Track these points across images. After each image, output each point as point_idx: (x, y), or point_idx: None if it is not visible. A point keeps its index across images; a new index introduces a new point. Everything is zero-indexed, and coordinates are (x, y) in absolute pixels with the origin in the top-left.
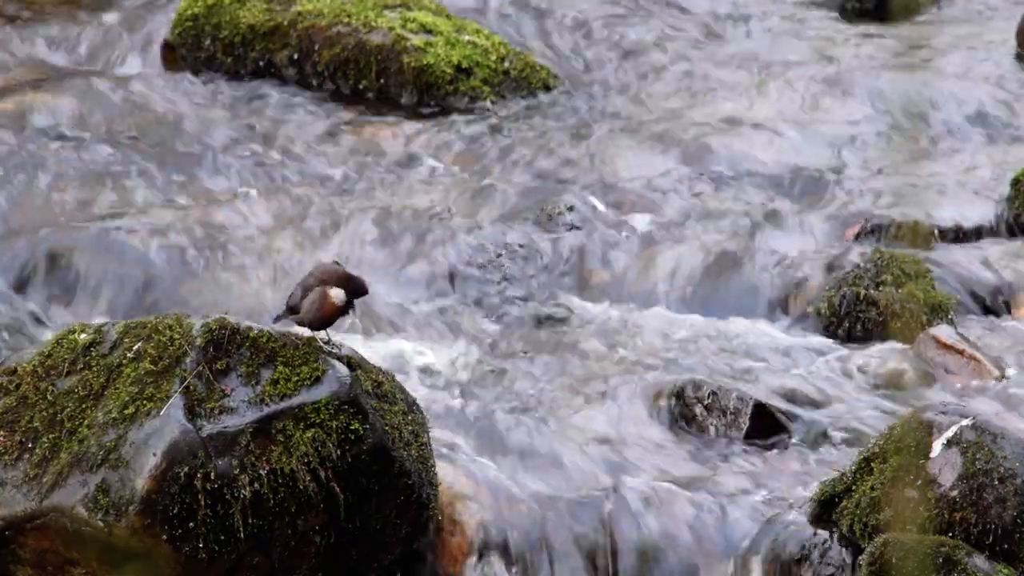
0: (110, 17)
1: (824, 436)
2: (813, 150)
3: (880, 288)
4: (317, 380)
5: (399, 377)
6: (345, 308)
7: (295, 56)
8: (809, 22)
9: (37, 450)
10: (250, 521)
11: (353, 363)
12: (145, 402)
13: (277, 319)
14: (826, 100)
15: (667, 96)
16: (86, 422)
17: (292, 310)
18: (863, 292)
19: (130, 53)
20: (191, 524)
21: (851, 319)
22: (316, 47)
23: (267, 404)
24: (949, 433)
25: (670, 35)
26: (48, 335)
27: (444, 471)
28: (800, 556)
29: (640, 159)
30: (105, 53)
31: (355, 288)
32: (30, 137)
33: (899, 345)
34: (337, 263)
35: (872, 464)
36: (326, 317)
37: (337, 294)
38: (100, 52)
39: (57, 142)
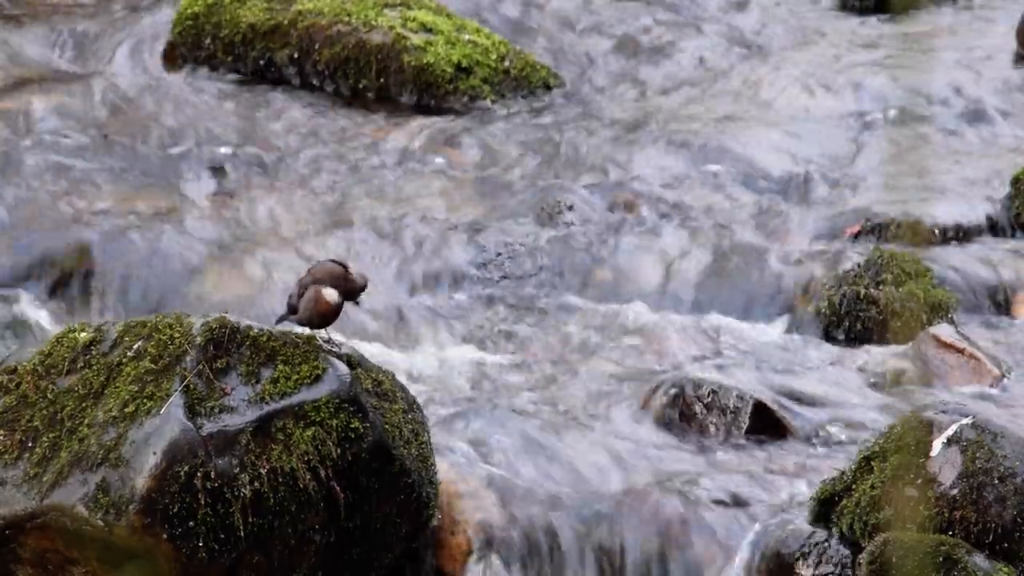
0: (110, 16)
1: (824, 435)
2: (813, 148)
3: (880, 287)
4: (317, 379)
5: (399, 376)
6: (342, 305)
7: (295, 55)
8: (809, 19)
9: (37, 449)
10: (250, 520)
11: (353, 361)
12: (145, 401)
13: (279, 320)
14: (826, 98)
15: (667, 94)
16: (86, 421)
17: (292, 310)
18: (863, 291)
19: (130, 52)
20: (191, 523)
21: (851, 318)
22: (316, 46)
23: (267, 403)
24: (949, 432)
25: (669, 34)
26: (48, 334)
27: (444, 470)
28: (800, 555)
29: (640, 158)
30: (105, 52)
31: (349, 289)
32: (30, 137)
33: (899, 344)
34: (335, 261)
35: (872, 463)
36: (323, 315)
37: (330, 293)
38: (100, 51)
39: (57, 142)
